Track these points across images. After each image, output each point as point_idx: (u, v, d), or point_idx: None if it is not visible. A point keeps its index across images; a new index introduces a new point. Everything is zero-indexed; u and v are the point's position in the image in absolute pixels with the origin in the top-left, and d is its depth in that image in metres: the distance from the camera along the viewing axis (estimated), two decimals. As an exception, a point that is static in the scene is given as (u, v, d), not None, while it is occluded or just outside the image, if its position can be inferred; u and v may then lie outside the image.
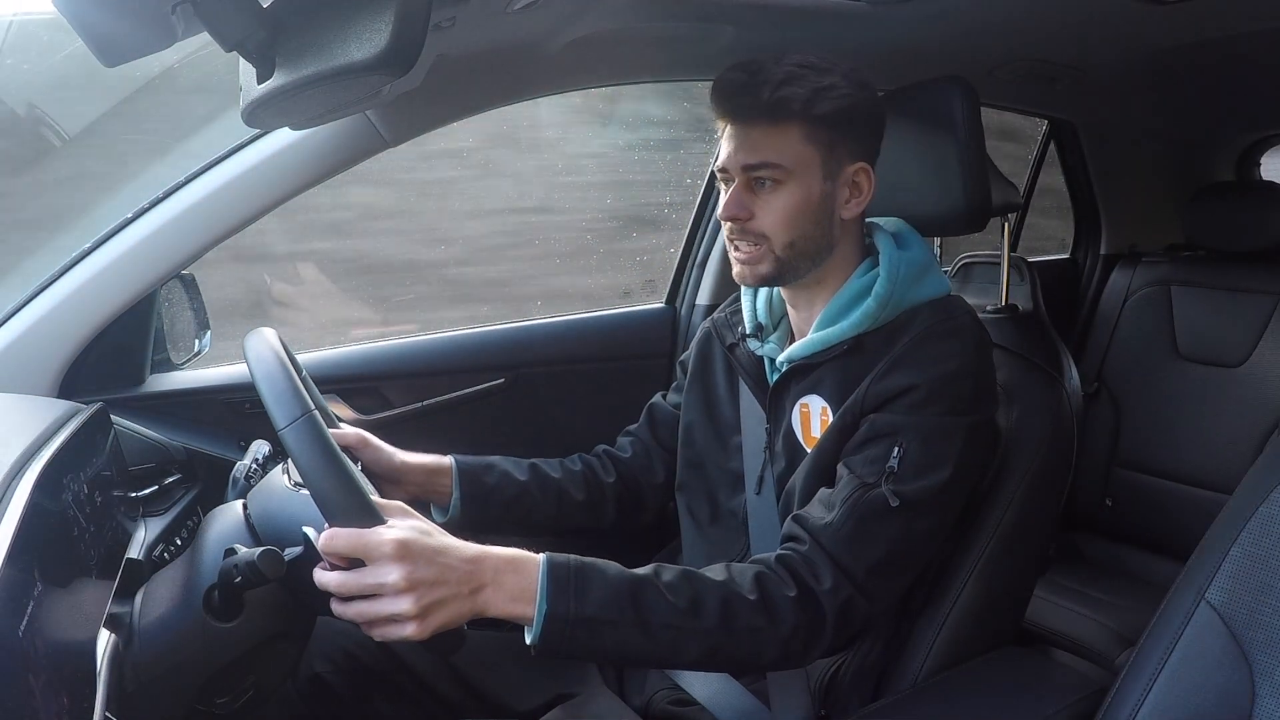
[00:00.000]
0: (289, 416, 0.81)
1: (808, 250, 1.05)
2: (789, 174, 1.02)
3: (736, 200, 1.04)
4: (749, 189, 1.04)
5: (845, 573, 0.93)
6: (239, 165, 1.23)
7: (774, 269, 1.05)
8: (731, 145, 1.04)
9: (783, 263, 1.05)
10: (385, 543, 0.77)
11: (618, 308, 1.86)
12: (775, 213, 1.03)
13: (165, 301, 1.32)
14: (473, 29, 1.11)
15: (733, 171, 1.04)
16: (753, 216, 1.03)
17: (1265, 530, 0.82)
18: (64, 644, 0.67)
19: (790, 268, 1.06)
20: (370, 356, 1.55)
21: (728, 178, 1.06)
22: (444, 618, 0.79)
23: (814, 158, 1.02)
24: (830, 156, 1.03)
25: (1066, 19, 1.42)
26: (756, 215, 1.03)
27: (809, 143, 1.02)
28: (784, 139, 1.01)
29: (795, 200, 1.02)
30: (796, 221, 1.03)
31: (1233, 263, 2.08)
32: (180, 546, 1.10)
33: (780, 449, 1.10)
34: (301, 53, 0.82)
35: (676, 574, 0.90)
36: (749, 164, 1.02)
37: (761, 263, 1.05)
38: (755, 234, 1.04)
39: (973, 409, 1.00)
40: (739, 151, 1.03)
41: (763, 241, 1.04)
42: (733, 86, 1.02)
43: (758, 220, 1.03)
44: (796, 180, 1.02)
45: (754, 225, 1.03)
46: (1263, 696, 0.79)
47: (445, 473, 1.17)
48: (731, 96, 1.02)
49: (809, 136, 1.02)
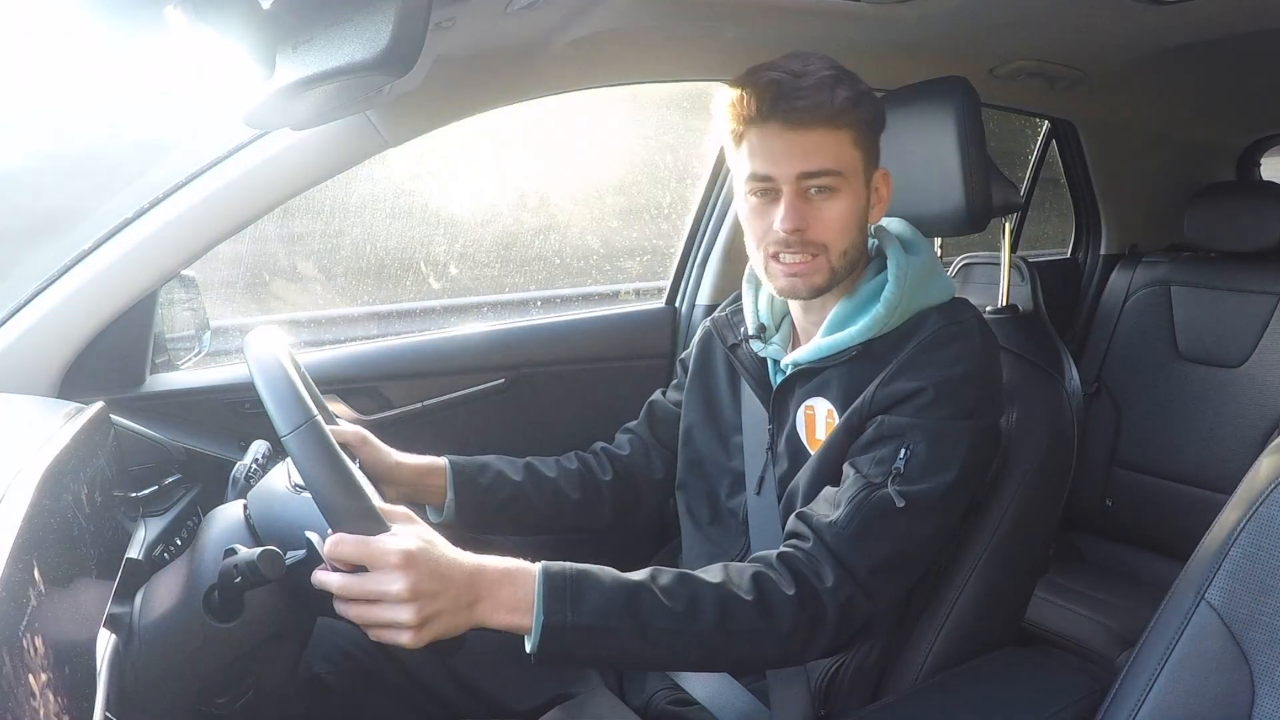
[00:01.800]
0: (292, 422, 0.80)
1: (855, 258, 1.05)
2: (844, 180, 1.00)
3: (797, 210, 0.99)
4: (804, 198, 1.00)
5: (848, 571, 0.93)
6: (239, 165, 1.23)
7: (828, 279, 1.03)
8: (779, 152, 0.99)
9: (836, 273, 1.03)
10: (391, 552, 0.78)
11: (618, 308, 1.86)
12: (832, 221, 1.00)
13: (165, 301, 1.32)
14: (473, 29, 1.11)
15: (781, 180, 1.00)
16: (809, 226, 1.00)
17: (1265, 530, 0.82)
18: (64, 644, 0.67)
19: (840, 277, 1.04)
20: (370, 356, 1.55)
21: (770, 186, 1.01)
22: (440, 628, 0.80)
23: (859, 163, 1.02)
24: (868, 162, 1.03)
25: (1066, 19, 1.42)
26: (812, 225, 1.00)
27: (856, 148, 1.01)
28: (840, 144, 0.99)
29: (849, 207, 1.01)
30: (849, 229, 1.02)
31: (1233, 263, 2.08)
32: (180, 546, 1.10)
33: (783, 450, 1.10)
34: (301, 53, 0.82)
35: (673, 577, 0.90)
36: (808, 171, 0.99)
37: (817, 274, 1.02)
38: (814, 244, 1.01)
39: (979, 412, 1.00)
40: (795, 158, 0.98)
41: (821, 252, 1.01)
42: (783, 88, 0.97)
43: (813, 230, 1.00)
44: (849, 187, 1.01)
45: (812, 235, 1.00)
46: (1262, 697, 0.79)
47: (439, 473, 1.16)
48: (786, 99, 0.97)
49: (857, 141, 1.00)
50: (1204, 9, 1.35)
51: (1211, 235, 2.10)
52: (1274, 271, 2.01)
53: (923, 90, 1.19)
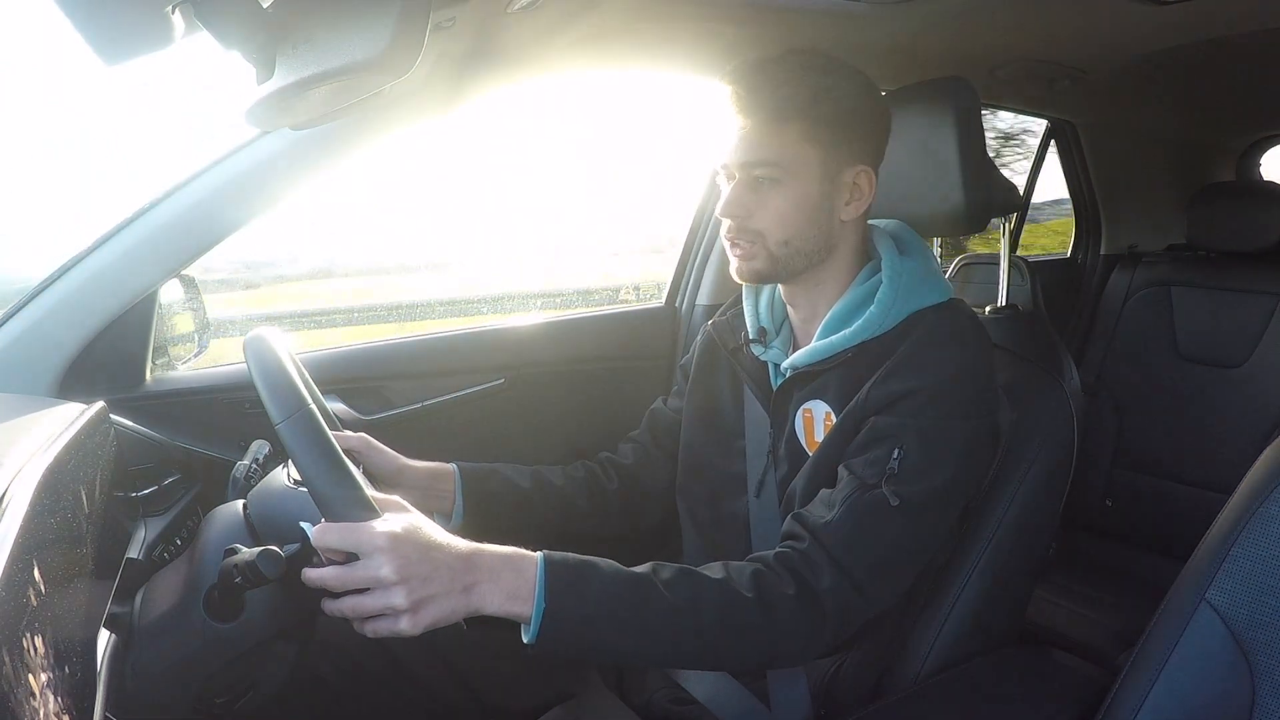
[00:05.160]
0: (285, 412, 0.81)
1: (804, 249, 1.05)
2: (787, 173, 1.02)
3: (736, 198, 1.04)
4: (750, 187, 1.04)
5: (844, 571, 0.93)
6: (239, 165, 1.23)
7: (768, 266, 1.06)
8: (733, 142, 1.04)
9: (777, 260, 1.05)
10: (377, 535, 0.77)
11: (618, 307, 1.86)
12: (772, 211, 1.03)
13: (165, 301, 1.32)
14: (473, 29, 1.11)
15: (733, 168, 1.05)
16: (751, 214, 1.04)
17: (1266, 530, 0.82)
18: (64, 644, 0.67)
19: (785, 265, 1.06)
20: (370, 356, 1.55)
21: (728, 174, 1.06)
22: (437, 613, 0.79)
23: (813, 157, 1.02)
24: (830, 157, 1.03)
25: (1067, 19, 1.42)
26: (754, 213, 1.04)
27: (809, 142, 1.02)
28: (784, 138, 1.01)
29: (792, 199, 1.03)
30: (792, 220, 1.04)
31: (1233, 263, 2.08)
32: (180, 546, 1.10)
33: (784, 453, 1.10)
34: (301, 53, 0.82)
35: (674, 572, 0.90)
36: (748, 161, 1.02)
37: (755, 259, 1.05)
38: (751, 231, 1.04)
39: (973, 412, 1.00)
40: (739, 148, 1.03)
41: (758, 239, 1.04)
42: (738, 84, 1.02)
43: (755, 218, 1.04)
44: (795, 179, 1.02)
45: (751, 223, 1.04)
46: (1263, 697, 0.79)
47: (447, 478, 1.16)
48: (736, 94, 1.02)
49: (809, 136, 1.01)
50: (1204, 9, 1.35)
51: (1211, 235, 2.10)
52: (1274, 271, 2.01)
53: (923, 90, 1.19)
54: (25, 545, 0.63)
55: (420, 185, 2.71)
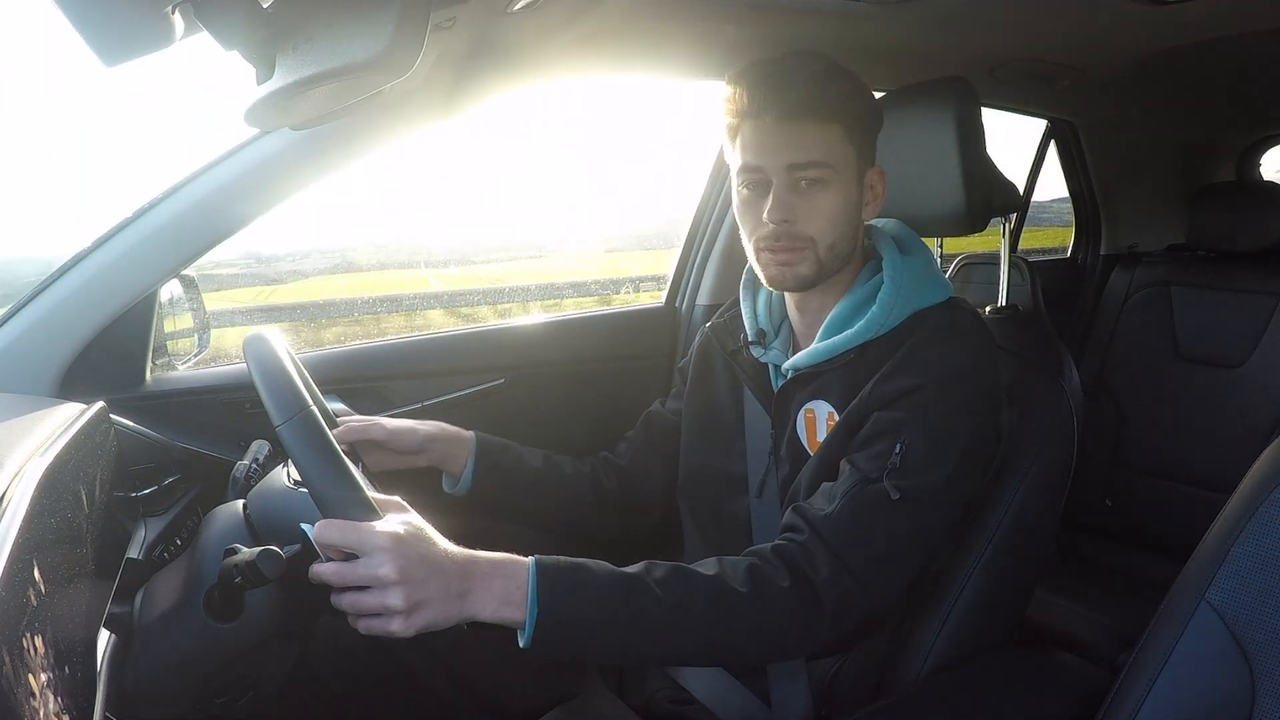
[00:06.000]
0: (286, 413, 0.81)
1: (844, 252, 1.05)
2: (834, 173, 1.00)
3: (785, 202, 1.00)
4: (793, 189, 1.01)
5: (843, 563, 0.93)
6: (239, 165, 1.23)
7: (814, 272, 1.04)
8: (770, 144, 1.00)
9: (823, 265, 1.04)
10: (379, 535, 0.78)
11: (618, 307, 1.86)
12: (821, 214, 1.01)
13: (165, 301, 1.32)
14: (473, 29, 1.11)
15: (771, 172, 1.01)
16: (797, 218, 1.01)
17: (1266, 531, 0.82)
18: (64, 644, 0.67)
19: (828, 270, 1.05)
20: (370, 356, 1.55)
21: (761, 178, 1.02)
22: (430, 617, 0.79)
23: (851, 157, 1.02)
24: (860, 157, 1.03)
25: (1066, 19, 1.42)
26: (800, 217, 1.01)
27: (848, 142, 1.01)
28: (830, 137, 1.00)
29: (838, 201, 1.01)
30: (838, 223, 1.02)
31: (1233, 263, 2.08)
32: (180, 546, 1.10)
33: (785, 453, 1.10)
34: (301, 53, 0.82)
35: (667, 570, 0.89)
36: (796, 163, 0.99)
37: (802, 264, 1.03)
38: (800, 236, 1.01)
39: (976, 409, 1.00)
40: (783, 150, 0.99)
41: (808, 245, 1.02)
42: (775, 81, 0.99)
43: (801, 222, 1.01)
44: (840, 180, 1.01)
45: (798, 227, 1.01)
46: (1263, 697, 0.79)
47: (464, 443, 1.19)
48: (777, 91, 0.98)
49: (848, 136, 1.01)
50: (1204, 9, 1.35)
51: (1212, 235, 2.10)
52: (1274, 271, 2.01)
53: (922, 90, 1.19)
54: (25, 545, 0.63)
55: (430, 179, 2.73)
